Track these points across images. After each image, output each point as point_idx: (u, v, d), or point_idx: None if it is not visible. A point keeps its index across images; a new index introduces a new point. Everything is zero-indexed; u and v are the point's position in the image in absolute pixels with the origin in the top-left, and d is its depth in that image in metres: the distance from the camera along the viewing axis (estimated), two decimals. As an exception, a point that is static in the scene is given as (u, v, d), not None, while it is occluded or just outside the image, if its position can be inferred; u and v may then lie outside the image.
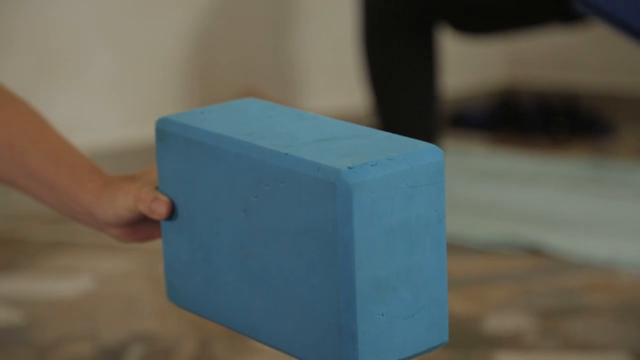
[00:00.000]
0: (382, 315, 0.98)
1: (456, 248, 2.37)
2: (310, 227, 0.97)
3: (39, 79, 2.66)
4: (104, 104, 2.78)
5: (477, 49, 3.63)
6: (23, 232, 2.45)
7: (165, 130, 1.08)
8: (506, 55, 3.70)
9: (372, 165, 0.95)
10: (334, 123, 1.06)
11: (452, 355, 1.82)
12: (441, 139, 2.79)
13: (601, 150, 3.23)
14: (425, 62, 2.71)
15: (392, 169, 0.96)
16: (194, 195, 1.08)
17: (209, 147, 1.06)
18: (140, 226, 1.14)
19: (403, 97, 2.72)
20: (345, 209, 0.95)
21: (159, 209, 1.08)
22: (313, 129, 1.05)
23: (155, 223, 1.15)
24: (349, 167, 0.94)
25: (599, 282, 2.17)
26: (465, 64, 3.56)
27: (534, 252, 2.33)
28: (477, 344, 1.86)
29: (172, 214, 1.10)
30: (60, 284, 2.13)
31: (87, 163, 1.16)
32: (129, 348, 1.82)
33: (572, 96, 3.50)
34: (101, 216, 1.12)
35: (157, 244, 2.11)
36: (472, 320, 1.97)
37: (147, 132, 2.85)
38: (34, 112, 1.22)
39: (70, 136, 2.71)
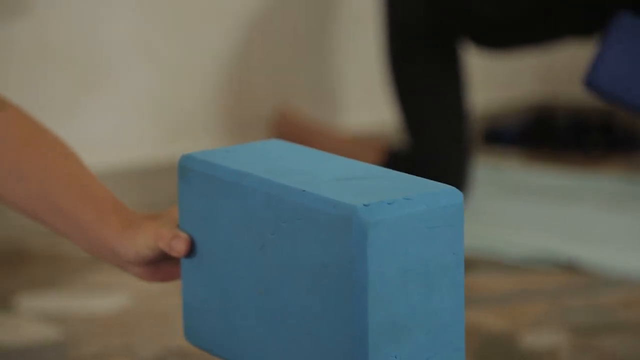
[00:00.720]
0: (396, 357, 0.97)
1: (490, 264, 2.36)
2: (327, 264, 0.97)
3: (78, 96, 2.67)
4: (141, 120, 2.79)
5: (511, 64, 3.63)
6: (61, 249, 2.46)
7: (187, 167, 1.09)
8: (540, 70, 3.69)
9: (388, 203, 0.95)
10: (355, 164, 1.06)
11: None
12: (471, 154, 2.78)
13: (637, 166, 3.22)
14: (449, 77, 2.71)
15: (409, 209, 0.96)
16: (213, 233, 1.08)
17: (229, 184, 1.06)
18: (161, 265, 1.14)
19: (429, 112, 2.73)
20: (361, 246, 0.94)
21: (178, 246, 1.08)
22: (333, 168, 1.05)
23: (176, 263, 1.14)
24: (365, 205, 0.94)
25: (635, 298, 2.16)
26: (499, 79, 3.55)
27: (569, 268, 2.32)
28: None
29: (192, 251, 1.10)
30: (97, 300, 2.14)
31: (111, 199, 1.17)
32: (165, 364, 1.83)
33: (607, 112, 3.49)
34: (123, 254, 1.12)
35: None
36: (506, 337, 1.96)
37: (183, 149, 2.86)
38: (63, 145, 1.23)
39: (108, 152, 2.72)
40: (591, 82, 1.64)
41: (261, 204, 1.02)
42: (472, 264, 2.36)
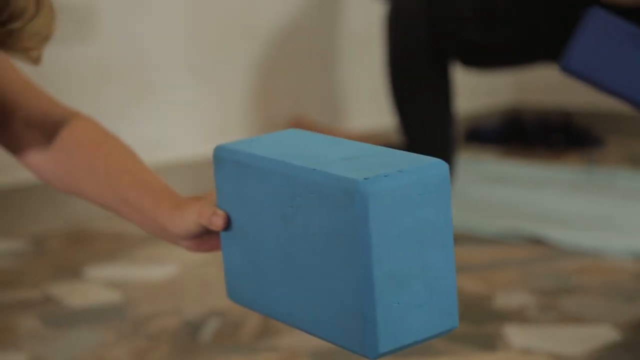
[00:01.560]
0: (398, 304, 0.97)
1: (471, 239, 2.36)
2: (336, 230, 0.97)
3: (133, 105, 2.68)
4: (185, 125, 2.80)
5: (489, 78, 3.63)
6: (121, 229, 2.47)
7: (220, 157, 1.08)
8: (512, 83, 3.69)
9: (385, 176, 0.94)
10: (359, 145, 1.05)
11: (467, 328, 1.80)
12: (457, 152, 2.78)
13: (591, 159, 3.21)
14: (440, 91, 2.69)
15: (402, 180, 0.95)
16: (244, 210, 1.08)
17: (254, 168, 1.05)
18: (205, 238, 1.13)
19: (423, 119, 2.71)
20: (363, 213, 0.94)
21: (217, 222, 1.07)
22: (339, 150, 1.04)
23: (217, 236, 1.14)
24: (365, 178, 0.94)
25: (589, 266, 2.15)
26: (480, 90, 3.55)
27: (535, 242, 2.32)
28: (488, 319, 1.85)
29: (228, 226, 1.09)
30: (151, 270, 2.15)
31: (163, 188, 1.17)
32: (207, 322, 1.83)
33: (567, 115, 3.49)
34: (173, 230, 1.12)
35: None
36: (483, 299, 1.95)
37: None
38: (125, 146, 1.23)
39: (158, 152, 2.73)
40: (566, 66, 1.64)
41: (280, 182, 1.02)
42: (455, 239, 2.35)
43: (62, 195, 2.49)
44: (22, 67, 1.98)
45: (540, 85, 3.64)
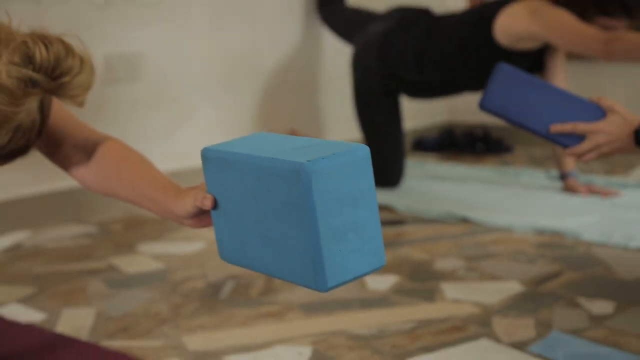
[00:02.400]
0: (340, 250, 0.97)
1: (417, 220, 2.35)
2: (290, 200, 0.97)
3: (170, 127, 2.68)
4: (208, 141, 2.79)
5: (429, 104, 3.63)
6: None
7: (206, 155, 1.08)
8: (446, 106, 3.70)
9: (322, 158, 0.95)
10: (306, 139, 1.05)
11: (414, 285, 1.81)
12: (406, 157, 2.79)
13: (503, 161, 3.22)
14: (392, 114, 2.71)
15: (335, 160, 0.96)
16: (226, 193, 1.07)
17: (231, 161, 1.05)
18: (201, 217, 1.13)
19: (381, 134, 2.71)
20: (308, 187, 0.95)
21: (207, 203, 1.07)
22: (292, 143, 1.04)
23: (209, 215, 1.13)
24: (308, 161, 0.95)
25: (502, 238, 2.16)
26: (423, 112, 3.56)
27: (463, 221, 2.33)
28: (429, 279, 1.85)
29: (216, 206, 1.09)
30: (185, 246, 2.14)
31: (171, 184, 1.17)
32: (225, 283, 1.83)
33: (485, 129, 3.50)
34: (178, 212, 1.12)
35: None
36: (426, 264, 1.96)
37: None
38: (144, 158, 1.24)
39: (188, 160, 2.73)
40: (482, 107, 1.65)
41: (249, 169, 1.02)
42: (406, 220, 2.35)
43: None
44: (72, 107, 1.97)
45: (466, 108, 3.65)
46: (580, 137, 1.53)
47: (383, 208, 2.49)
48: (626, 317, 1.61)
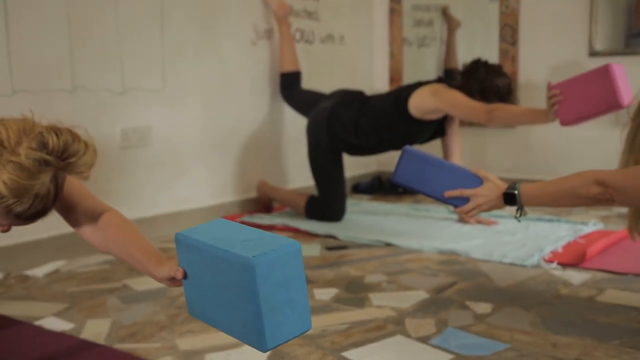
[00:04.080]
0: (277, 321, 0.95)
1: (354, 245, 2.34)
2: (240, 283, 0.95)
3: (173, 178, 2.65)
4: (202, 188, 2.76)
5: (365, 158, 3.64)
6: (165, 248, 2.45)
7: (178, 239, 1.06)
8: (376, 160, 3.72)
9: (264, 253, 0.93)
10: (255, 232, 1.01)
11: (349, 295, 1.79)
12: (347, 197, 2.79)
13: (417, 200, 3.21)
14: (337, 167, 2.71)
15: (274, 254, 0.94)
16: (193, 268, 1.05)
17: (195, 247, 1.02)
18: (174, 281, 1.11)
19: (328, 182, 2.71)
20: (253, 276, 0.92)
21: (179, 275, 1.06)
22: (242, 235, 1.00)
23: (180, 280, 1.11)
24: (253, 256, 0.92)
25: (414, 257, 2.16)
26: (359, 163, 3.55)
27: (388, 245, 2.32)
28: (361, 290, 1.84)
29: (186, 276, 1.07)
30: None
31: (154, 252, 1.15)
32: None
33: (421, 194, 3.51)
34: (157, 275, 1.11)
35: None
36: (359, 278, 1.95)
37: (223, 201, 2.83)
38: (133, 227, 1.22)
39: (187, 204, 2.69)
40: (394, 180, 1.64)
41: (209, 255, 0.99)
42: (347, 245, 2.33)
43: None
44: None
45: (390, 162, 3.65)
46: (465, 199, 1.55)
47: (329, 237, 2.49)
48: (500, 315, 1.62)
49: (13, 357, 1.40)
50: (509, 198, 1.47)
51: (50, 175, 1.05)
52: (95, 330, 1.58)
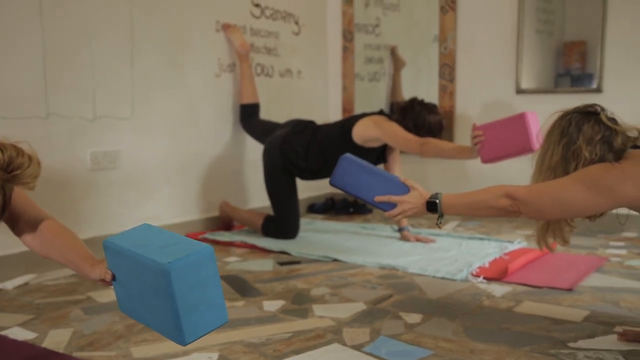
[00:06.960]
0: (194, 317, 0.95)
1: (306, 260, 2.33)
2: (159, 285, 0.95)
3: (141, 198, 2.62)
4: (168, 208, 2.75)
5: (317, 182, 3.66)
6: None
7: (106, 245, 1.06)
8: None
9: (179, 259, 0.93)
10: (172, 235, 1.01)
11: (295, 307, 1.79)
12: (300, 216, 2.78)
13: (366, 219, 3.24)
14: (290, 189, 2.72)
15: (189, 259, 0.94)
16: (120, 270, 1.05)
17: (120, 252, 1.02)
18: (106, 282, 1.11)
19: (282, 203, 2.71)
20: (169, 280, 0.92)
21: (108, 277, 1.07)
22: (161, 239, 1.00)
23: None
24: (168, 262, 0.92)
25: (357, 272, 2.16)
26: (314, 186, 3.58)
27: (335, 260, 2.33)
28: (306, 301, 1.84)
29: (114, 277, 1.07)
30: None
31: (88, 255, 1.15)
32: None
33: (355, 199, 3.52)
34: (91, 277, 1.11)
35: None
36: (305, 291, 1.95)
37: (187, 219, 2.81)
38: (71, 233, 1.21)
39: (155, 222, 2.66)
40: (331, 182, 1.64)
41: (132, 260, 0.99)
42: (299, 261, 2.32)
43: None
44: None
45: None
46: (393, 205, 1.58)
47: (282, 253, 2.49)
48: (428, 325, 1.65)
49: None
50: (431, 206, 1.50)
51: None
52: (57, 339, 1.55)
